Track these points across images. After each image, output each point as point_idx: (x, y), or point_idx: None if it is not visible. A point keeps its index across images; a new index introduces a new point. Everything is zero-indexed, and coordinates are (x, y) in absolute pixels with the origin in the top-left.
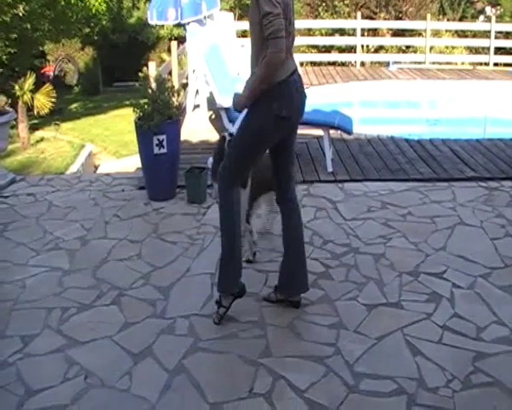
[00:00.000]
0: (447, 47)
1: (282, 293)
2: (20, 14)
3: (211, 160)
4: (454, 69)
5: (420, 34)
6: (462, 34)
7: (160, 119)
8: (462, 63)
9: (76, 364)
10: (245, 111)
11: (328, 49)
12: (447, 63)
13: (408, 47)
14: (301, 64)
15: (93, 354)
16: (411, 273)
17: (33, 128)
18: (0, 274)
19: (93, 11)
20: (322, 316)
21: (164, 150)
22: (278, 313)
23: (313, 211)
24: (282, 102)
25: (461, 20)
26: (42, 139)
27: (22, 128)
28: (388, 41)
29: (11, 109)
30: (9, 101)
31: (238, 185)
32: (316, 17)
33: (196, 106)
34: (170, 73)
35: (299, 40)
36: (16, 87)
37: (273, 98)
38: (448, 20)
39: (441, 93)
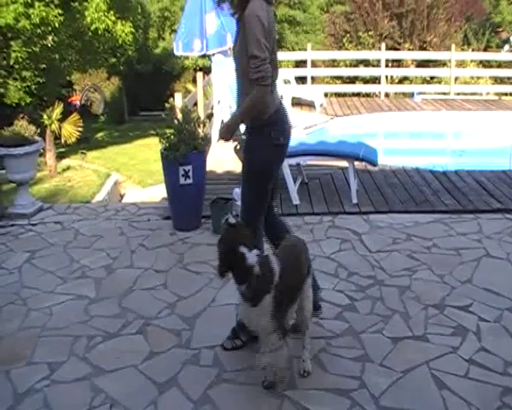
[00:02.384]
0: (472, 77)
1: (245, 334)
2: (49, 45)
3: (237, 191)
4: (479, 100)
5: (444, 64)
6: (487, 64)
7: (185, 149)
8: (488, 93)
9: (102, 392)
10: None
11: (352, 80)
12: (472, 94)
13: (432, 78)
14: (326, 95)
15: (118, 383)
16: (437, 306)
17: (60, 156)
18: (28, 301)
19: (119, 42)
20: (347, 349)
21: (190, 181)
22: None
23: (338, 243)
24: (279, 130)
25: (485, 49)
26: (68, 168)
27: (50, 156)
28: (413, 72)
29: (40, 138)
30: (38, 130)
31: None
32: (340, 48)
33: None
34: (195, 104)
35: (323, 71)
36: (44, 116)
37: (270, 128)
38: (473, 50)
39: (466, 124)
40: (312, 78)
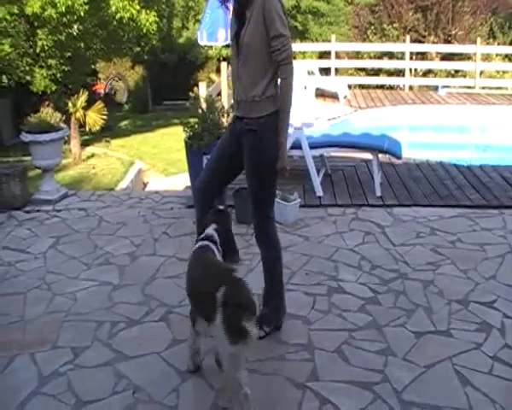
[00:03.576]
0: (498, 71)
1: (268, 325)
2: (75, 34)
3: None
4: (504, 94)
5: (469, 58)
6: None
7: (209, 138)
8: None
9: (125, 378)
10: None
11: (376, 72)
12: (497, 88)
13: (457, 71)
14: (349, 87)
15: (141, 370)
16: (461, 302)
17: (85, 144)
18: (53, 286)
19: (144, 31)
20: (370, 342)
21: None
22: (326, 337)
23: (361, 235)
24: None
25: (511, 43)
26: (93, 155)
27: (74, 144)
28: (437, 65)
29: (65, 126)
30: (63, 117)
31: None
32: (364, 40)
33: None
34: (219, 94)
35: (347, 63)
36: (69, 104)
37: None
38: (498, 43)
39: (491, 118)
40: (336, 69)
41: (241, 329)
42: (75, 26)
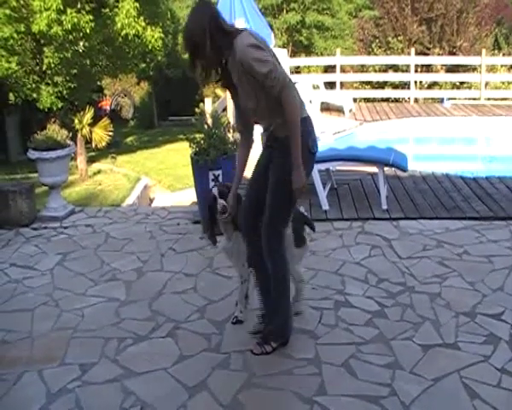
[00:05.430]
0: (503, 82)
1: (275, 340)
2: (80, 51)
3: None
4: (510, 105)
5: (474, 69)
6: None
7: (215, 154)
8: None
9: (132, 394)
10: None
11: (381, 85)
12: (503, 99)
13: (462, 83)
14: (355, 100)
15: (149, 386)
16: (468, 314)
17: (91, 160)
18: (60, 303)
19: (149, 47)
20: (377, 355)
21: None
22: (333, 350)
23: (368, 249)
24: (313, 140)
25: None
26: (99, 171)
27: (81, 160)
28: (442, 77)
29: (71, 143)
30: (70, 134)
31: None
32: (369, 53)
33: None
34: (225, 109)
35: (352, 76)
36: (76, 121)
37: (305, 135)
38: (503, 54)
39: (497, 129)
40: (341, 83)
41: (303, 237)
42: (81, 43)
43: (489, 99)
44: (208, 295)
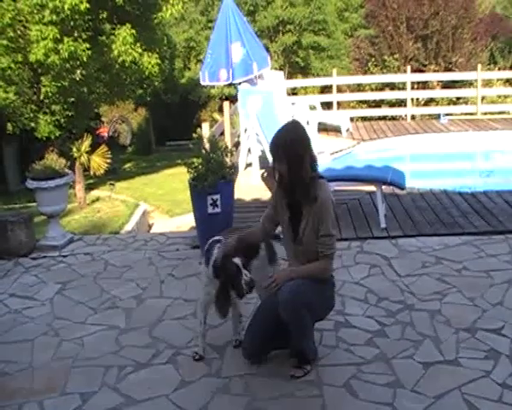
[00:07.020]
0: (499, 96)
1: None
2: (77, 79)
3: None
4: (507, 119)
5: (471, 84)
6: None
7: (213, 179)
8: None
9: None
10: None
11: (378, 103)
12: (500, 113)
13: (459, 98)
14: (352, 119)
15: None
16: (468, 330)
17: (89, 188)
18: (60, 332)
19: (146, 73)
20: (378, 375)
21: (218, 210)
22: (334, 372)
23: (367, 268)
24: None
25: None
26: (97, 199)
27: (79, 188)
28: (439, 93)
29: (70, 171)
30: (68, 163)
31: None
32: (365, 72)
33: (248, 164)
34: (222, 133)
35: (349, 96)
36: (74, 149)
37: (329, 290)
38: (499, 68)
39: (494, 144)
40: (338, 103)
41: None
42: (78, 72)
43: (486, 113)
44: (208, 321)
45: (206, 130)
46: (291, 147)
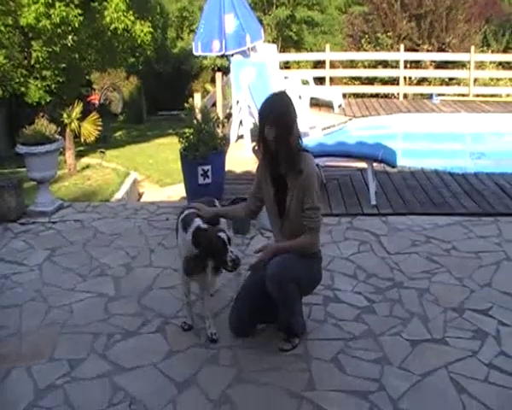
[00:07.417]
0: (492, 79)
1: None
2: (69, 45)
3: None
4: (499, 101)
5: (463, 66)
6: (506, 66)
7: (205, 149)
8: (508, 95)
9: (121, 390)
10: None
11: (370, 81)
12: (492, 95)
13: (451, 79)
14: (344, 96)
15: (138, 381)
16: (456, 309)
17: (80, 155)
18: (49, 298)
19: (138, 41)
20: (366, 351)
21: (208, 180)
22: (322, 346)
23: (356, 244)
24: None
25: (505, 51)
26: (88, 166)
27: (69, 155)
28: (431, 73)
29: (60, 137)
30: (58, 129)
31: None
32: (358, 49)
33: (240, 136)
34: (214, 104)
35: (342, 72)
36: (64, 115)
37: (316, 265)
38: (492, 51)
39: (486, 126)
40: (331, 78)
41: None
42: (70, 37)
43: (478, 95)
44: (197, 291)
45: (198, 100)
46: (283, 113)
